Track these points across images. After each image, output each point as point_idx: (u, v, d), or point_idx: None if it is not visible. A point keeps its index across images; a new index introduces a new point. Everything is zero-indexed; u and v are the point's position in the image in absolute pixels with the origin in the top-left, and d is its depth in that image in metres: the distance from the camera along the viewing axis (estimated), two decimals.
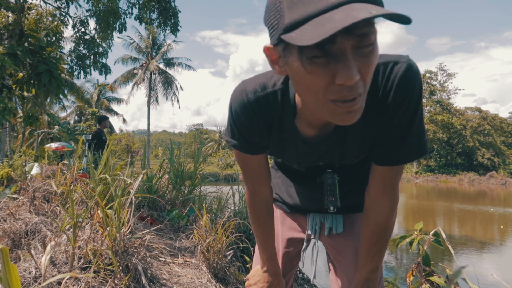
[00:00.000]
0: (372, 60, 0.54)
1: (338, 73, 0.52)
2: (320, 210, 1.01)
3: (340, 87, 0.54)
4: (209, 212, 2.75)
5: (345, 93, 0.54)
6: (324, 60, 0.52)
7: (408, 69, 0.67)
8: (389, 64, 0.68)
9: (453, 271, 2.00)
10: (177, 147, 3.80)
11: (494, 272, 2.10)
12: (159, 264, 1.92)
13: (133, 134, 47.01)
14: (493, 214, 10.73)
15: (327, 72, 0.53)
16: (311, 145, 0.79)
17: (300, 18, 0.50)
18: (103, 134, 6.95)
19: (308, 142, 0.78)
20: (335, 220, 1.00)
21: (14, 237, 1.68)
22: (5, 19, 7.31)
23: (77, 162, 2.72)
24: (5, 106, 5.12)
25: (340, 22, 0.45)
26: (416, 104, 0.69)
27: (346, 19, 0.45)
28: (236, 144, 0.83)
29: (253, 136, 0.80)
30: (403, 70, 0.67)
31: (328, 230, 1.01)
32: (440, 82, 38.52)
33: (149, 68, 30.64)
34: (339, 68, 0.52)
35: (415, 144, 0.73)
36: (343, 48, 0.51)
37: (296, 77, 0.57)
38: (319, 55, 0.52)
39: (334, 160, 0.85)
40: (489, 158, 34.57)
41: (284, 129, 0.78)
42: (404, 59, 0.68)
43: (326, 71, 0.53)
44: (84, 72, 9.30)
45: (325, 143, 0.78)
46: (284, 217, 1.13)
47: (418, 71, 0.69)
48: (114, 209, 1.64)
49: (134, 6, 9.06)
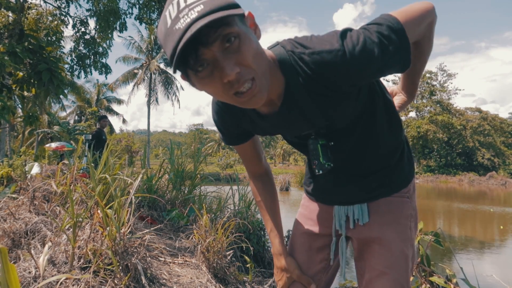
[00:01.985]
0: (244, 49, 0.63)
1: (219, 75, 0.64)
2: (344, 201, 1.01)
3: (229, 84, 0.65)
4: (209, 212, 2.75)
5: (236, 86, 0.65)
6: (207, 71, 0.64)
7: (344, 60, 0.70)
8: (321, 54, 0.72)
9: (453, 272, 2.00)
10: (177, 147, 3.80)
11: (494, 272, 2.10)
12: (159, 264, 1.92)
13: (133, 134, 47.01)
14: (493, 214, 10.73)
15: (214, 77, 0.65)
16: (274, 119, 0.85)
17: (169, 56, 0.63)
18: (103, 133, 6.95)
19: (270, 117, 0.85)
20: (360, 210, 0.99)
21: (14, 237, 1.68)
22: (5, 18, 7.31)
23: (77, 161, 2.72)
24: (4, 105, 5.12)
25: (179, 50, 0.59)
26: (373, 63, 0.71)
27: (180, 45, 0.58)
28: (224, 139, 1.00)
29: (231, 128, 0.95)
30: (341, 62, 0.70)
31: (354, 222, 1.00)
32: (440, 83, 38.50)
33: (149, 68, 30.63)
34: (218, 71, 0.64)
35: (401, 57, 0.75)
36: (212, 56, 0.62)
37: (203, 89, 0.70)
38: (200, 69, 0.64)
39: (312, 127, 0.88)
40: (489, 158, 34.55)
41: (248, 114, 0.88)
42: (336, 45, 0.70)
43: (213, 77, 0.65)
44: (85, 72, 9.29)
45: (284, 114, 0.83)
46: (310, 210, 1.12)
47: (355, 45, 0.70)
48: (114, 209, 1.64)
49: (134, 6, 9.05)
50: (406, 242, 0.95)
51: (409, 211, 0.98)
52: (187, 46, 0.60)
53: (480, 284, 1.97)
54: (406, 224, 0.97)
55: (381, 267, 0.93)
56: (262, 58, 0.68)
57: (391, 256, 0.92)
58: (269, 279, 2.30)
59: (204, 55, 0.62)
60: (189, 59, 0.63)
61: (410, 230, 0.97)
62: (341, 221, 1.02)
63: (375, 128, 0.91)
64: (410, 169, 1.02)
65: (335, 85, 0.75)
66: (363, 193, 0.98)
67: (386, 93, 0.95)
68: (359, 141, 0.93)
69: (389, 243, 0.94)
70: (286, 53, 0.76)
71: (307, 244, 1.09)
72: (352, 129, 0.90)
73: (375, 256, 0.95)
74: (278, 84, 0.78)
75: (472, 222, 9.68)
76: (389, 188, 0.98)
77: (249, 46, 0.64)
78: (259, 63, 0.66)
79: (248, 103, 0.69)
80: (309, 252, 1.08)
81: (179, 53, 0.59)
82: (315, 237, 1.08)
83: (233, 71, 0.62)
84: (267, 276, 2.40)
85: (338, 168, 0.97)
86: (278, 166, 44.69)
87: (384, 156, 0.97)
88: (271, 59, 0.75)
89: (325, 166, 0.89)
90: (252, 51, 0.64)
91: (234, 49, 0.62)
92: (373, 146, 0.94)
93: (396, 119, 0.96)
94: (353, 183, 0.99)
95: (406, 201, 0.99)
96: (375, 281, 0.92)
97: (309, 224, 1.10)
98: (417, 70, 0.97)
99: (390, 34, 0.72)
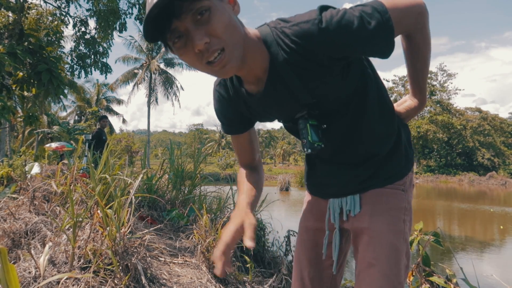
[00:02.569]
0: (214, 21, 0.68)
1: (192, 45, 0.69)
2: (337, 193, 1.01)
3: (200, 53, 0.70)
4: (209, 212, 2.75)
5: (206, 56, 0.70)
6: (181, 41, 0.70)
7: (320, 28, 0.72)
8: (299, 25, 0.74)
9: (453, 272, 2.00)
10: (177, 147, 3.80)
11: (494, 272, 2.10)
12: (159, 264, 1.92)
13: (133, 134, 47.03)
14: (493, 214, 10.73)
15: (188, 48, 0.70)
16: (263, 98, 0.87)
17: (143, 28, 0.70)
18: (103, 133, 6.95)
19: (259, 96, 0.87)
20: (352, 200, 0.98)
21: (14, 237, 1.68)
22: (5, 18, 7.31)
23: (77, 162, 2.72)
24: (4, 105, 5.12)
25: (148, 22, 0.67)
26: (351, 36, 0.73)
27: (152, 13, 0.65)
28: (224, 129, 1.03)
29: (230, 115, 0.98)
30: (317, 30, 0.72)
31: (346, 214, 0.99)
32: (440, 83, 38.47)
33: (149, 68, 30.63)
34: (190, 42, 0.69)
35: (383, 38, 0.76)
36: (184, 28, 0.68)
37: (181, 58, 0.74)
38: (176, 40, 0.70)
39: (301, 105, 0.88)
40: (489, 158, 34.55)
41: (242, 95, 0.91)
42: (313, 15, 0.73)
43: (187, 47, 0.71)
44: (85, 72, 9.30)
45: (270, 91, 0.85)
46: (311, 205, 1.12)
47: (332, 16, 0.72)
48: (114, 209, 1.64)
49: (134, 6, 9.06)
50: (398, 235, 0.91)
51: (403, 204, 0.95)
52: (162, 19, 0.67)
53: (480, 284, 1.97)
54: (398, 216, 0.93)
55: (369, 258, 0.89)
56: (235, 30, 0.71)
57: (380, 247, 0.89)
58: (269, 279, 2.30)
59: (178, 27, 0.69)
60: (165, 32, 0.70)
61: (403, 223, 0.93)
62: (335, 214, 1.02)
63: (366, 113, 0.91)
64: (407, 164, 1.00)
65: (316, 57, 0.76)
66: (355, 184, 0.97)
67: (379, 80, 0.95)
68: (351, 125, 0.93)
69: (378, 234, 0.90)
70: (270, 29, 0.79)
71: (314, 241, 1.08)
72: (344, 112, 0.90)
73: (364, 248, 0.92)
74: (263, 61, 0.80)
75: (472, 222, 9.68)
76: (381, 179, 0.96)
77: (220, 18, 0.69)
78: (230, 34, 0.70)
79: (220, 72, 0.74)
80: (316, 249, 1.08)
81: (149, 25, 0.67)
82: (319, 233, 1.08)
83: (201, 41, 0.68)
84: (267, 276, 2.40)
85: (330, 156, 0.99)
86: (278, 166, 44.68)
87: (375, 143, 0.95)
88: (255, 36, 0.79)
89: (314, 145, 0.88)
90: (223, 23, 0.69)
91: (204, 21, 0.68)
92: (364, 131, 0.93)
93: (388, 107, 0.96)
94: (345, 172, 0.99)
95: (400, 193, 0.96)
96: (363, 272, 0.89)
97: (312, 220, 1.10)
98: (419, 70, 0.96)
99: (373, 12, 0.74)
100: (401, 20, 0.78)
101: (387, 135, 0.97)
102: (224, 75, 0.75)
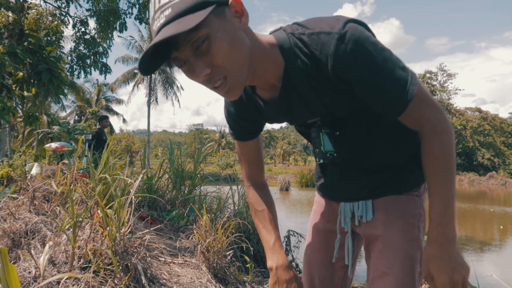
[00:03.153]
0: (214, 50, 0.64)
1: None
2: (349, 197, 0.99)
3: (205, 80, 0.68)
4: (209, 212, 2.75)
5: (209, 85, 0.69)
6: (186, 67, 0.67)
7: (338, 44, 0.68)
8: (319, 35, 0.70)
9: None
10: (177, 147, 3.80)
11: (494, 272, 2.10)
12: (159, 264, 1.92)
13: (133, 134, 47.00)
14: (493, 214, 10.73)
15: (192, 73, 0.67)
16: (275, 105, 0.85)
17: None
18: (103, 133, 6.94)
19: (272, 102, 0.85)
20: (364, 206, 0.96)
21: (14, 237, 1.68)
22: (5, 18, 7.31)
23: (77, 161, 2.72)
24: (4, 105, 5.12)
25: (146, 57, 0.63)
26: (366, 70, 0.69)
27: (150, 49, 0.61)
28: (233, 134, 1.00)
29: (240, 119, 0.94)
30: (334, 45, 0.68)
31: (358, 219, 0.98)
32: (440, 83, 38.45)
33: None
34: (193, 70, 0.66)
35: (395, 99, 0.73)
36: (185, 57, 0.65)
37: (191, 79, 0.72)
38: (179, 65, 0.67)
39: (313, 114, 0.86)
40: (489, 158, 34.54)
41: (254, 101, 0.89)
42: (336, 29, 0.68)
43: (191, 73, 0.68)
44: (85, 72, 9.29)
45: (283, 99, 0.83)
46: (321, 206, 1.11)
47: (357, 38, 0.68)
48: (114, 209, 1.64)
49: (134, 6, 9.06)
50: (412, 243, 0.89)
51: (417, 210, 0.92)
52: (163, 50, 0.64)
53: (480, 284, 1.97)
54: (413, 223, 0.91)
55: (383, 267, 0.88)
56: (238, 54, 0.67)
57: (394, 256, 0.87)
58: (269, 279, 2.30)
59: (179, 56, 0.66)
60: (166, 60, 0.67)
61: (418, 230, 0.91)
62: (346, 218, 1.00)
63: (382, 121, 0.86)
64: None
65: (331, 72, 0.72)
66: (367, 190, 0.95)
67: None
68: (366, 133, 0.89)
69: (392, 242, 0.89)
70: (287, 36, 0.75)
71: (325, 243, 1.07)
72: (359, 119, 0.87)
73: (377, 255, 0.91)
74: (277, 68, 0.77)
75: (472, 222, 9.68)
76: (396, 186, 0.93)
77: (220, 46, 0.64)
78: (233, 61, 0.66)
79: (227, 95, 0.72)
80: (327, 251, 1.06)
81: (147, 59, 0.63)
82: (330, 235, 1.07)
83: (202, 73, 0.65)
84: (267, 276, 2.40)
85: (343, 161, 0.95)
86: (278, 166, 44.68)
87: (392, 153, 0.92)
88: (268, 44, 0.75)
89: (326, 155, 0.87)
90: (223, 51, 0.64)
91: (204, 51, 0.64)
92: (380, 140, 0.90)
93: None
94: (358, 178, 0.96)
95: (415, 199, 0.93)
96: (376, 281, 0.89)
97: (323, 221, 1.09)
98: (436, 185, 0.80)
99: (406, 71, 0.72)
100: (421, 103, 0.75)
101: (407, 144, 0.92)
102: (230, 98, 0.73)
